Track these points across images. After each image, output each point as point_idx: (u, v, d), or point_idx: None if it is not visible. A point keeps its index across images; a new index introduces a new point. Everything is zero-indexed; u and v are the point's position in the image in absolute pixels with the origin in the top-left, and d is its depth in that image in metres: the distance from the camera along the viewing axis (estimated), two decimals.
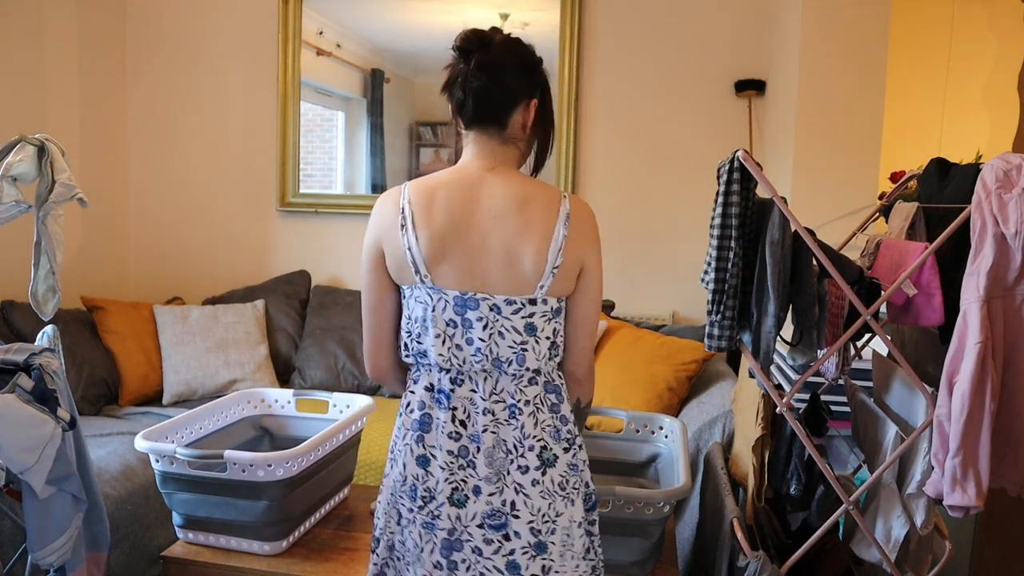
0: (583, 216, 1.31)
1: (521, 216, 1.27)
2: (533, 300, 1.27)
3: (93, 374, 2.84)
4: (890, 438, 1.53)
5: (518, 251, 1.26)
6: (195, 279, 3.60)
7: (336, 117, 3.57)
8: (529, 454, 1.29)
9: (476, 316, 1.27)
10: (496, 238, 1.27)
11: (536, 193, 1.29)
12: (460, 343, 1.29)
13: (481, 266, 1.27)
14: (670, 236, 3.26)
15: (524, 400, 1.30)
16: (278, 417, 2.24)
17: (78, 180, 1.82)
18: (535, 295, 1.27)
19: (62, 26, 3.22)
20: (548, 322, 1.29)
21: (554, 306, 1.30)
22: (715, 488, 1.92)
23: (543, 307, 1.28)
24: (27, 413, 1.51)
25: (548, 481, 1.29)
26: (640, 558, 1.73)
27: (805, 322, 1.53)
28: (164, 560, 1.86)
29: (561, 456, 1.31)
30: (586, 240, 1.30)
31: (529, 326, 1.28)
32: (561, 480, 1.31)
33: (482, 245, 1.27)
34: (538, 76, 1.37)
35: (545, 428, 1.31)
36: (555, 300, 1.30)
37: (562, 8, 3.20)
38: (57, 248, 1.76)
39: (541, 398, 1.31)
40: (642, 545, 1.72)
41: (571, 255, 1.28)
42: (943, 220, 1.46)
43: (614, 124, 3.27)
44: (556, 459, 1.30)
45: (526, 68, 1.34)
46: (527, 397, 1.30)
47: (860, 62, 2.63)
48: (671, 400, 2.62)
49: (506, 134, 1.33)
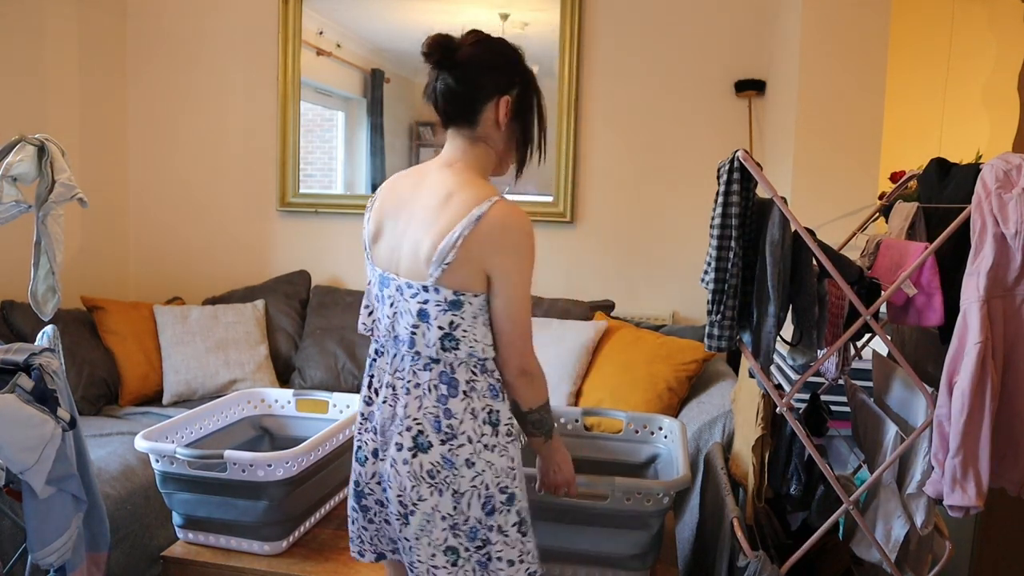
0: (497, 224, 1.30)
1: (438, 210, 1.33)
2: (426, 287, 1.33)
3: (93, 374, 2.84)
4: (890, 438, 1.53)
5: (421, 240, 1.34)
6: (195, 279, 3.60)
7: (336, 117, 3.57)
8: (406, 434, 1.36)
9: (387, 294, 1.40)
10: (413, 226, 1.36)
11: (462, 191, 1.33)
12: (378, 316, 1.44)
13: (399, 250, 1.38)
14: (670, 236, 3.26)
15: (415, 383, 1.37)
16: (278, 417, 2.25)
17: (78, 180, 1.82)
18: (427, 283, 1.33)
19: (62, 26, 3.22)
20: (443, 313, 1.33)
21: (449, 298, 1.32)
22: (715, 488, 1.92)
23: (436, 296, 1.33)
24: (27, 413, 1.51)
25: (417, 465, 1.35)
26: (640, 551, 1.73)
27: (805, 322, 1.53)
28: (164, 560, 1.86)
29: (436, 446, 1.35)
30: (494, 248, 1.30)
31: (422, 312, 1.34)
32: (431, 468, 1.35)
33: (404, 231, 1.38)
34: (512, 73, 1.40)
35: (427, 415, 1.36)
36: (451, 292, 1.32)
37: (562, 8, 3.20)
38: (57, 248, 1.76)
39: (432, 385, 1.36)
40: (641, 538, 1.72)
41: (467, 255, 1.30)
42: (943, 220, 1.46)
43: (614, 124, 3.27)
44: (430, 447, 1.35)
45: (495, 66, 1.39)
46: (419, 380, 1.37)
47: (860, 62, 2.63)
48: (671, 400, 2.62)
49: (477, 132, 1.40)
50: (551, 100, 3.25)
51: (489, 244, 1.30)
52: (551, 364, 2.74)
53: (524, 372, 1.39)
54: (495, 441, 1.37)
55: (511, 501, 1.38)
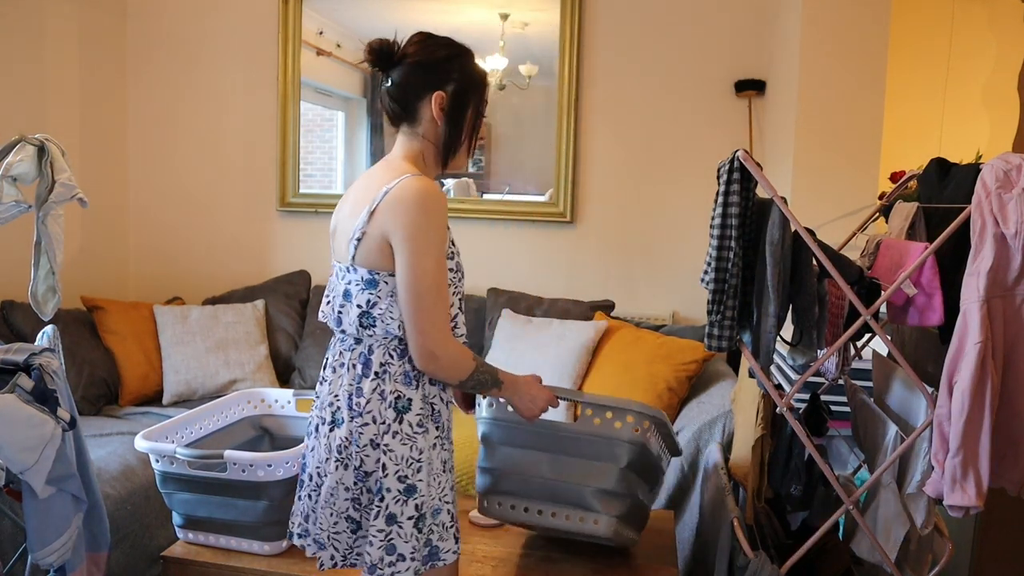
0: (401, 196, 1.34)
1: (364, 195, 1.40)
2: (349, 268, 1.41)
3: (93, 374, 2.84)
4: (890, 438, 1.53)
5: (347, 223, 1.42)
6: (195, 279, 3.60)
7: (336, 117, 3.57)
8: (327, 409, 1.44)
9: (331, 279, 1.49)
10: (344, 213, 1.44)
11: (385, 175, 1.40)
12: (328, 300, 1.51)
13: (337, 238, 1.46)
14: (670, 236, 3.26)
15: (341, 362, 1.44)
16: (278, 417, 2.25)
17: (78, 180, 1.81)
18: (348, 263, 1.40)
19: (62, 26, 3.22)
20: (362, 292, 1.39)
21: (365, 277, 1.38)
22: (715, 488, 1.92)
23: (354, 275, 1.40)
24: (27, 413, 1.51)
25: (332, 439, 1.41)
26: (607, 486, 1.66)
27: (805, 322, 1.53)
28: (164, 560, 1.86)
29: (346, 423, 1.40)
30: (393, 215, 1.34)
31: (346, 292, 1.42)
32: (340, 444, 1.40)
33: (343, 220, 1.45)
34: (448, 70, 1.44)
35: (344, 392, 1.41)
36: (367, 271, 1.38)
37: (562, 8, 3.20)
38: (57, 248, 1.76)
39: (352, 364, 1.42)
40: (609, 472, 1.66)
41: (373, 229, 1.36)
42: (943, 220, 1.46)
43: (614, 124, 3.27)
44: (342, 422, 1.41)
45: (430, 63, 1.43)
46: (343, 360, 1.44)
47: (860, 62, 2.63)
48: (671, 400, 2.62)
49: (417, 129, 1.45)
50: (551, 100, 3.25)
51: (389, 214, 1.34)
52: (551, 364, 2.74)
53: (429, 354, 1.35)
54: (398, 428, 1.37)
55: (410, 492, 1.37)
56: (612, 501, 1.67)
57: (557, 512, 1.71)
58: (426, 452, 1.39)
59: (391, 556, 1.37)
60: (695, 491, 2.26)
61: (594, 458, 1.66)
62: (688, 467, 2.31)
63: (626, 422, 1.66)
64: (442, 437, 1.45)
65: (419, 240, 1.33)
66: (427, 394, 1.42)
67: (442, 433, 1.46)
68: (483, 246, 3.38)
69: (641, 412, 1.66)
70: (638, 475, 1.70)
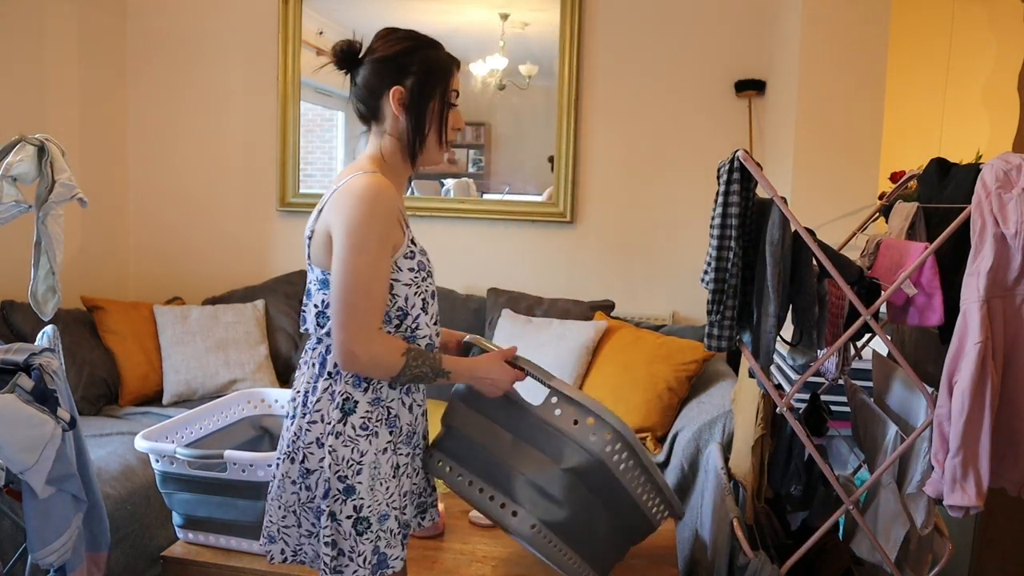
0: (347, 191, 1.34)
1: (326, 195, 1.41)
2: (309, 267, 1.43)
3: (93, 374, 2.84)
4: (890, 438, 1.53)
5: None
6: (195, 279, 3.60)
7: (336, 117, 3.57)
8: (289, 405, 1.47)
9: None
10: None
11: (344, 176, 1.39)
12: None
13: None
14: (670, 236, 3.26)
15: (306, 360, 1.46)
16: (278, 417, 2.25)
17: (78, 180, 1.81)
18: (308, 262, 1.43)
19: (62, 26, 3.22)
20: (319, 291, 1.41)
21: (319, 276, 1.40)
22: (715, 488, 1.92)
23: (312, 275, 1.42)
24: (27, 413, 1.51)
25: (288, 434, 1.44)
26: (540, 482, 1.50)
27: (805, 322, 1.53)
28: (164, 560, 1.86)
29: (298, 419, 1.42)
30: (337, 211, 1.34)
31: (308, 291, 1.44)
32: (291, 438, 1.42)
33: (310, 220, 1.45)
34: (407, 63, 1.41)
35: (303, 388, 1.44)
36: (319, 271, 1.40)
37: (562, 8, 3.20)
38: (57, 248, 1.76)
39: (312, 363, 1.44)
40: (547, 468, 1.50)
41: (321, 225, 1.37)
42: (943, 220, 1.46)
43: (614, 124, 3.27)
44: (295, 418, 1.43)
45: (389, 58, 1.42)
46: (307, 358, 1.46)
47: (860, 62, 2.63)
48: (671, 400, 2.62)
49: (383, 126, 1.44)
50: (551, 100, 3.25)
51: (333, 211, 1.34)
52: (551, 364, 2.73)
53: (348, 352, 1.31)
54: (341, 429, 1.36)
55: (348, 493, 1.36)
56: (541, 502, 1.50)
57: (485, 490, 1.57)
58: (369, 455, 1.37)
59: (332, 551, 1.37)
60: (695, 491, 2.26)
61: (540, 448, 1.52)
62: (688, 467, 2.32)
63: (586, 424, 1.49)
64: (396, 442, 1.42)
65: (355, 236, 1.30)
66: (382, 397, 1.40)
67: (397, 438, 1.42)
68: (483, 246, 3.38)
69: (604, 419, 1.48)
70: (591, 492, 1.52)
